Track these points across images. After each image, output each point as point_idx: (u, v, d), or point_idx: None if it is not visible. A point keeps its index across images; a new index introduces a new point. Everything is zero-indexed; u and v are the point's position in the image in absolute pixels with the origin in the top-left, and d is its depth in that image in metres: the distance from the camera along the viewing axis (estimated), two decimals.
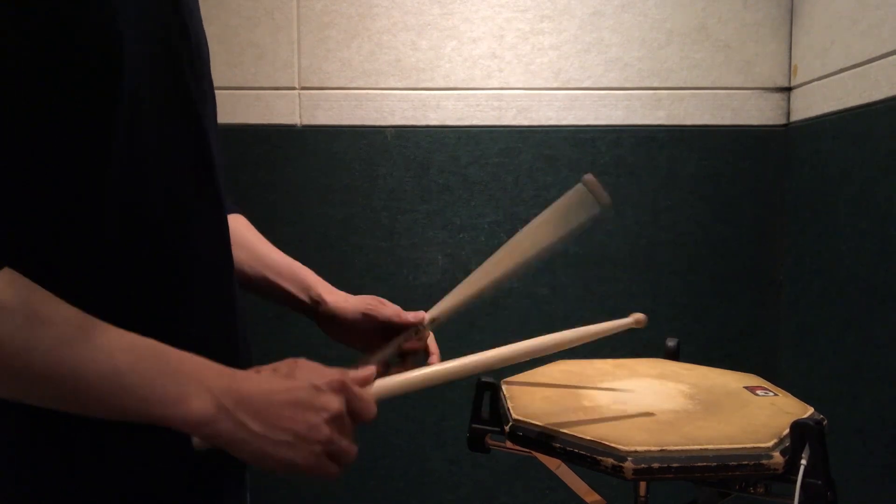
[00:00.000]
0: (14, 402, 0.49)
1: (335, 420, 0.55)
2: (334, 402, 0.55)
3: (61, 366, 0.47)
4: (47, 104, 0.49)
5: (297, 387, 0.54)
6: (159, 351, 0.51)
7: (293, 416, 0.53)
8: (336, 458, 0.55)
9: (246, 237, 0.80)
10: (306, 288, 0.81)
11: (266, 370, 0.56)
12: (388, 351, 0.79)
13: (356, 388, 0.58)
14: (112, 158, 0.52)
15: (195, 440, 0.54)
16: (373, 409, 0.58)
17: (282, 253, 0.82)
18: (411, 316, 0.81)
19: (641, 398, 0.83)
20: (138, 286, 0.56)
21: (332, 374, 0.57)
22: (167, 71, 0.57)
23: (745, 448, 0.68)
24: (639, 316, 0.83)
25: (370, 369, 0.62)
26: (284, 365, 0.57)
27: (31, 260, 0.48)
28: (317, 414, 0.54)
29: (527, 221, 1.56)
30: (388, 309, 0.82)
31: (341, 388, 0.56)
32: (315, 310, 0.81)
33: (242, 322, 0.67)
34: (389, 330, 0.81)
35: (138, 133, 0.54)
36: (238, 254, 0.77)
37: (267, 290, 0.80)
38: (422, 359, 0.81)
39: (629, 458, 0.66)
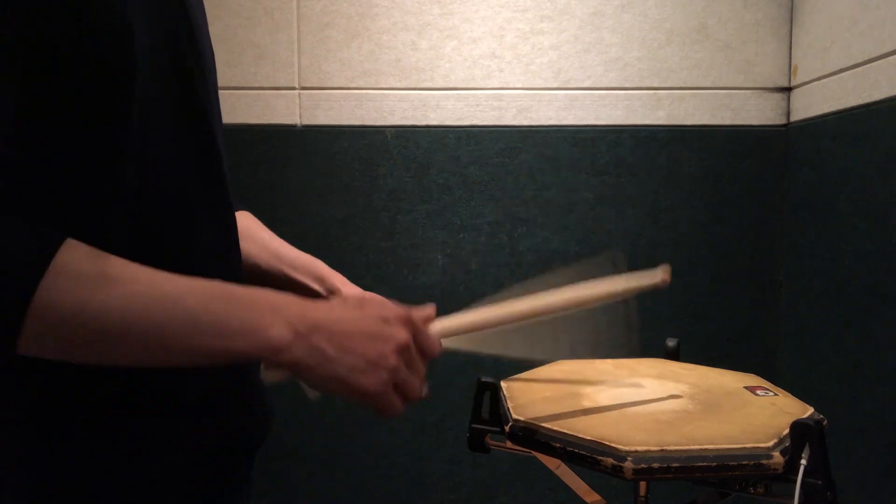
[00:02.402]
0: (17, 405, 0.49)
1: (402, 351, 0.56)
2: (402, 333, 0.57)
3: (138, 319, 0.48)
4: (62, 103, 0.49)
5: (367, 315, 0.57)
6: (227, 289, 0.53)
7: (364, 343, 0.55)
8: (402, 389, 0.57)
9: (257, 233, 0.81)
10: (321, 279, 0.81)
11: (336, 299, 0.58)
12: None
13: (421, 323, 0.60)
14: (124, 159, 0.53)
15: (264, 373, 0.56)
16: (436, 344, 0.61)
17: (292, 247, 0.83)
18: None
19: (642, 398, 0.83)
20: None
21: (398, 308, 0.59)
22: (176, 71, 0.57)
23: (745, 448, 0.68)
24: (664, 275, 0.74)
25: (431, 309, 0.64)
26: (353, 297, 0.59)
27: None
28: (386, 343, 0.56)
29: (527, 221, 1.56)
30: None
31: (408, 322, 0.58)
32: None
33: None
34: None
35: (149, 133, 0.54)
36: (251, 248, 0.78)
37: (282, 283, 0.81)
38: None
39: (629, 458, 0.66)
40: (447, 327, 0.66)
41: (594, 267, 0.74)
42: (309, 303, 0.56)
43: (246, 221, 0.81)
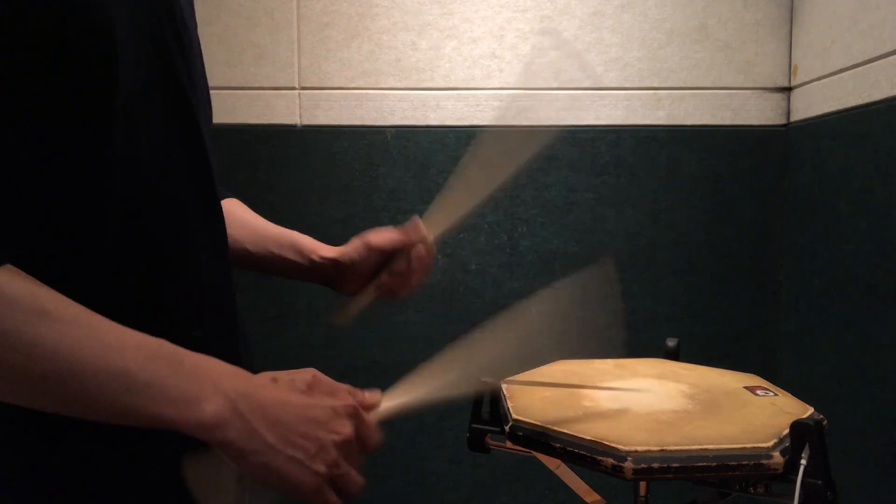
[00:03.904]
0: (17, 405, 0.49)
1: (344, 445, 0.54)
2: (347, 427, 0.54)
3: (69, 363, 0.45)
4: (45, 104, 0.49)
5: (314, 404, 0.53)
6: (171, 351, 0.49)
7: (307, 433, 0.51)
8: (338, 485, 0.54)
9: (244, 217, 0.81)
10: (300, 251, 0.82)
11: (284, 380, 0.54)
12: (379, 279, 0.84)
13: (367, 416, 0.57)
14: (111, 158, 0.52)
15: (187, 467, 0.52)
16: (378, 439, 0.57)
17: (277, 225, 0.84)
18: (407, 233, 0.86)
19: (641, 398, 0.83)
20: (137, 288, 0.56)
21: (346, 396, 0.56)
22: (161, 70, 0.57)
23: (745, 448, 0.68)
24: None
25: (377, 395, 0.61)
26: (301, 378, 0.55)
27: (31, 262, 0.48)
28: (329, 435, 0.52)
29: (527, 221, 1.56)
30: (383, 235, 0.86)
31: (355, 415, 0.55)
32: (318, 270, 0.82)
33: (242, 321, 0.67)
34: (387, 256, 0.85)
35: (135, 132, 0.54)
36: (239, 233, 0.78)
37: (272, 264, 0.81)
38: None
39: (629, 458, 0.66)
40: (390, 408, 0.62)
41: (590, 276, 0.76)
42: (256, 380, 0.52)
43: (231, 207, 0.81)
